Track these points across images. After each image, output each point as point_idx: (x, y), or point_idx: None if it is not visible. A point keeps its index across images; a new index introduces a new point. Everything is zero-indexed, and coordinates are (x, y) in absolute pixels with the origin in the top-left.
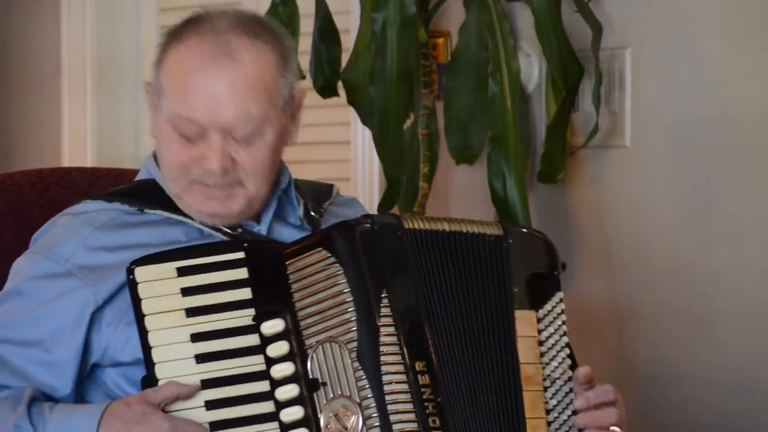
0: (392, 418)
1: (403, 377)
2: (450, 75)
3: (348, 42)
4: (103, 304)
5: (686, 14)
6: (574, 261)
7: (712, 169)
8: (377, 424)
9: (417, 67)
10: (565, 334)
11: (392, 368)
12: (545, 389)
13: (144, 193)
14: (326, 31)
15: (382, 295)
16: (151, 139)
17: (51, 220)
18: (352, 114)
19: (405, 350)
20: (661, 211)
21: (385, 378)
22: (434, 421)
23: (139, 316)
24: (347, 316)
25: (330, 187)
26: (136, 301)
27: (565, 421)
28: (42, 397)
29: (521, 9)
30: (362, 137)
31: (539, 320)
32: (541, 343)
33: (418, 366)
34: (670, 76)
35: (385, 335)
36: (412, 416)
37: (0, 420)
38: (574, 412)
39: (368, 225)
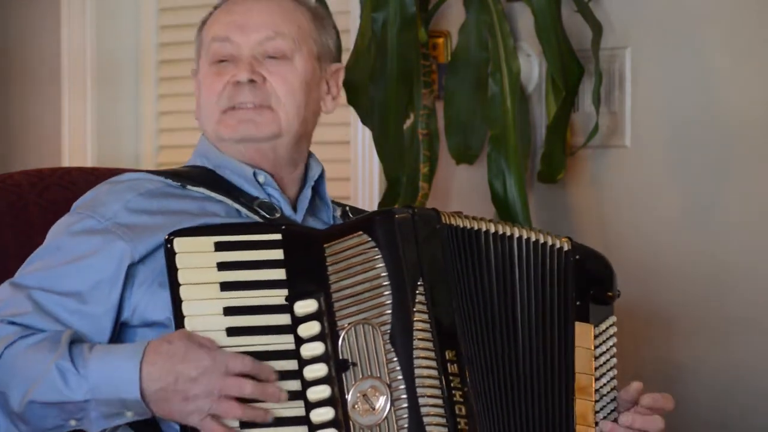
0: (421, 401)
1: (433, 363)
2: (450, 75)
3: (348, 42)
4: (139, 261)
5: (686, 14)
6: None
7: (712, 168)
8: (405, 405)
9: (417, 67)
10: (614, 356)
11: (423, 353)
12: (595, 401)
13: (189, 174)
14: None
15: (418, 283)
16: (150, 140)
17: (95, 187)
18: (352, 114)
19: (436, 338)
20: (661, 211)
21: (416, 362)
22: (460, 410)
23: (175, 285)
24: (382, 299)
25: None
26: (173, 270)
27: None
28: (81, 339)
29: (521, 9)
30: (362, 137)
31: (595, 336)
32: (595, 358)
33: (448, 355)
34: (670, 76)
35: (418, 321)
36: (439, 401)
37: (40, 359)
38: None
39: (408, 214)
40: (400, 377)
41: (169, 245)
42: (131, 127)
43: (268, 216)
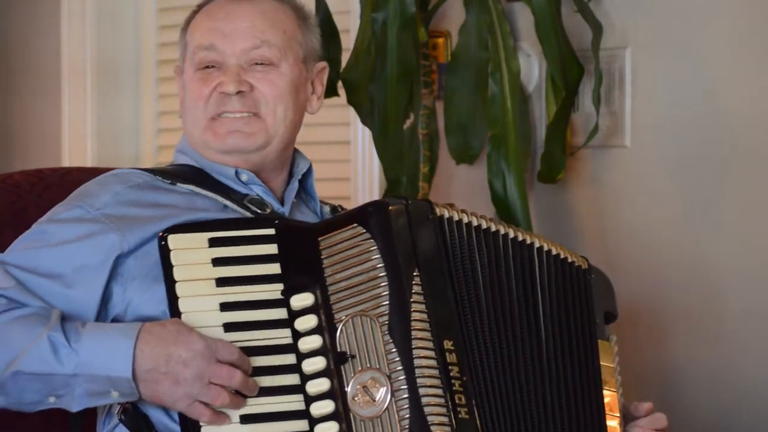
0: (421, 391)
1: (432, 353)
2: (450, 75)
3: (348, 42)
4: (128, 253)
5: (686, 14)
6: None
7: (712, 168)
8: (406, 396)
9: (417, 67)
10: (619, 372)
11: (421, 343)
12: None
13: (177, 171)
14: (326, 31)
15: (414, 273)
16: (150, 140)
17: (87, 183)
18: (352, 114)
19: (434, 328)
20: (661, 211)
21: (414, 352)
22: (460, 399)
23: (170, 282)
24: (379, 290)
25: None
26: (168, 267)
27: None
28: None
29: (521, 9)
30: (362, 137)
31: (611, 350)
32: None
33: (447, 344)
34: (670, 76)
35: (416, 311)
36: (439, 391)
37: (28, 330)
38: None
39: (402, 204)
40: (400, 368)
41: (163, 242)
42: (131, 127)
43: (259, 211)
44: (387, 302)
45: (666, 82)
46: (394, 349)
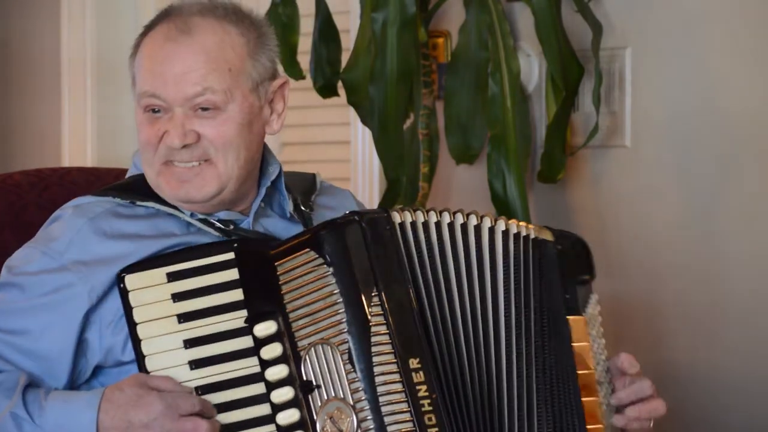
0: (387, 419)
1: (396, 377)
2: (450, 75)
3: (348, 42)
4: (98, 303)
5: (686, 14)
6: None
7: (712, 168)
8: (372, 426)
9: (417, 67)
10: (602, 335)
11: (385, 368)
12: (600, 394)
13: (135, 187)
14: (326, 31)
15: (373, 294)
16: None
17: (51, 216)
18: (352, 114)
19: (398, 348)
20: (661, 210)
21: (378, 379)
22: (430, 419)
23: (132, 325)
24: (338, 317)
25: (313, 177)
26: (128, 310)
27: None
28: (36, 384)
29: (521, 9)
30: (362, 137)
31: (587, 324)
32: (591, 349)
33: (413, 363)
34: (670, 76)
35: (376, 335)
36: (407, 416)
37: None
38: (617, 409)
39: (356, 222)
40: (365, 397)
41: (121, 285)
42: (131, 127)
43: (222, 227)
44: (346, 329)
45: (666, 82)
46: (356, 378)
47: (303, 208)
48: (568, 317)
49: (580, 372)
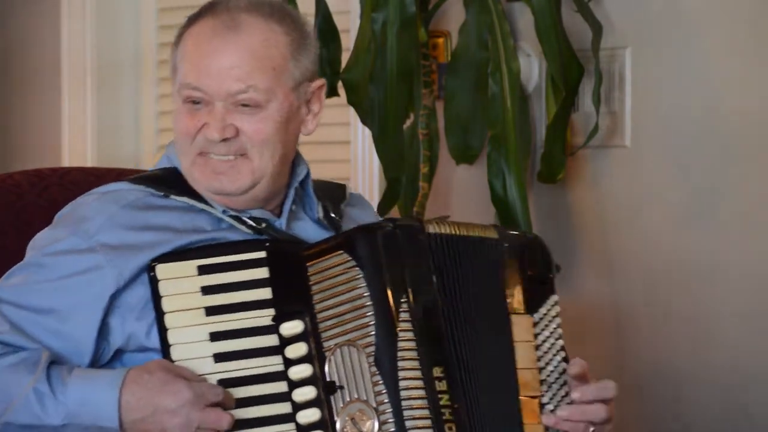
0: (408, 424)
1: (420, 383)
2: (450, 75)
3: (348, 42)
4: (125, 287)
5: (686, 14)
6: (573, 261)
7: (713, 168)
8: (393, 429)
9: (417, 67)
10: (560, 337)
11: (410, 374)
12: (543, 394)
13: (168, 180)
14: (326, 31)
15: (402, 300)
16: (150, 140)
17: (76, 199)
18: (352, 114)
19: (423, 356)
20: (661, 211)
21: (402, 383)
22: (450, 428)
23: (159, 313)
24: (366, 320)
25: (343, 187)
26: (157, 298)
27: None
28: (59, 361)
29: (521, 9)
30: (362, 137)
31: (535, 324)
32: (537, 348)
33: (436, 372)
34: (670, 76)
35: (403, 340)
36: (428, 422)
37: (17, 381)
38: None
39: (390, 228)
40: (387, 401)
41: (152, 273)
42: (131, 127)
43: (254, 225)
44: (374, 332)
45: (666, 82)
46: (381, 381)
47: (333, 215)
48: (513, 315)
49: (521, 369)
